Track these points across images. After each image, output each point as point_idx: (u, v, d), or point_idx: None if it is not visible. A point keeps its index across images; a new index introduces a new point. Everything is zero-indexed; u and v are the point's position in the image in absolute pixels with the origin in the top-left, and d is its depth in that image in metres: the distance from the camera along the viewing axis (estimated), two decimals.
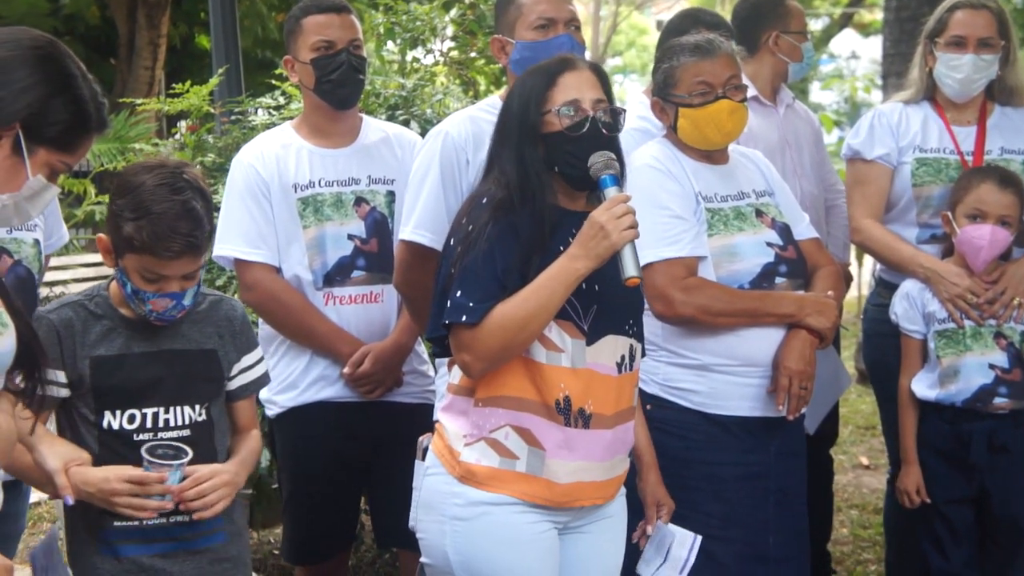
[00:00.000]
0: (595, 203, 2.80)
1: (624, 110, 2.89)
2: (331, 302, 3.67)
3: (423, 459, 2.87)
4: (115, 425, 2.82)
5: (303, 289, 3.68)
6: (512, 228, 2.69)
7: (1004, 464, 3.83)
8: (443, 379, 3.18)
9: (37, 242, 3.32)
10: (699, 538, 3.14)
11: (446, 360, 2.99)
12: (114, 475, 2.69)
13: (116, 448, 2.80)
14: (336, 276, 3.67)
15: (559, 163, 2.78)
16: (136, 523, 2.80)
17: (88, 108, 2.37)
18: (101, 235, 2.85)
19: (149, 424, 2.82)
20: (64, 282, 10.59)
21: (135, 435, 2.81)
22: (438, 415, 2.88)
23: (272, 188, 3.69)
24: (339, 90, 3.69)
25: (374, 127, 3.91)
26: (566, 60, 2.87)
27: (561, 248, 2.72)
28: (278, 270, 3.70)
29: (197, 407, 2.88)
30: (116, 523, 2.81)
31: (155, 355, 2.85)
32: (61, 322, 2.81)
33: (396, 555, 4.65)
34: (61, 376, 2.79)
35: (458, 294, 2.68)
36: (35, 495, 5.70)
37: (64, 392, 2.81)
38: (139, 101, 5.95)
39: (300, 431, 3.67)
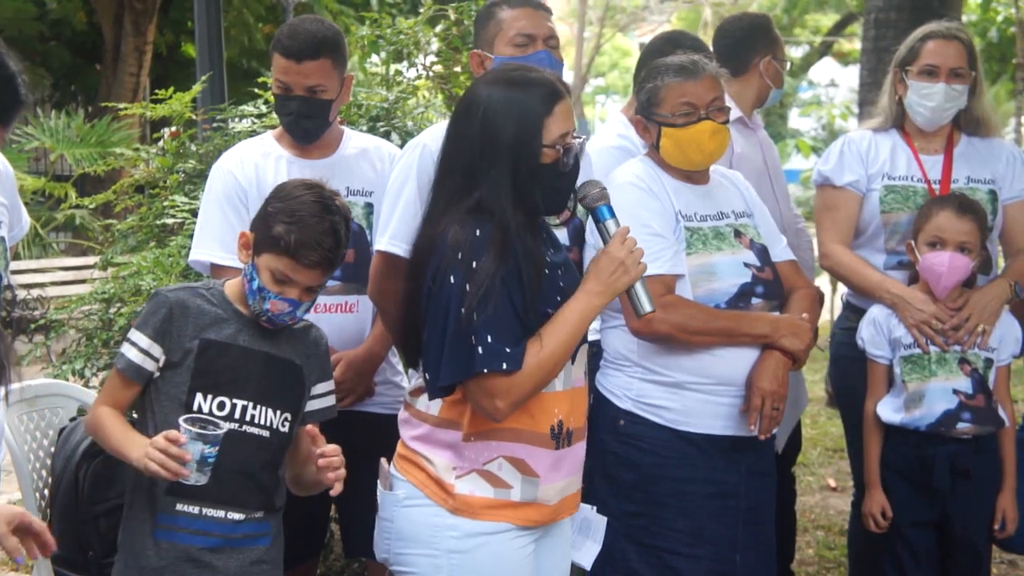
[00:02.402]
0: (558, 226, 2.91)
1: (582, 138, 2.85)
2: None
3: (389, 488, 2.85)
4: (204, 408, 2.92)
5: None
6: (515, 262, 2.65)
7: (966, 489, 3.84)
8: None
9: (2, 239, 3.28)
10: (604, 521, 3.15)
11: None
12: (159, 436, 2.77)
13: None
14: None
15: (543, 194, 2.75)
16: (195, 510, 2.91)
17: (19, 82, 2.49)
18: (245, 231, 3.02)
19: (237, 415, 2.93)
20: (42, 285, 10.55)
21: (222, 422, 2.89)
22: (414, 445, 2.83)
23: (250, 195, 3.66)
24: (292, 129, 3.72)
25: (354, 139, 3.89)
26: (556, 88, 2.78)
27: (546, 270, 2.73)
28: None
29: (279, 413, 2.98)
30: (178, 507, 2.91)
31: (256, 353, 2.97)
32: (176, 301, 2.95)
33: (364, 564, 4.64)
34: (157, 351, 2.92)
35: (488, 339, 2.60)
36: (5, 495, 5.65)
37: (152, 367, 2.94)
38: (122, 106, 5.91)
39: None
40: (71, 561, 3.63)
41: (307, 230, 2.85)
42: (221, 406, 2.92)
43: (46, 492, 3.72)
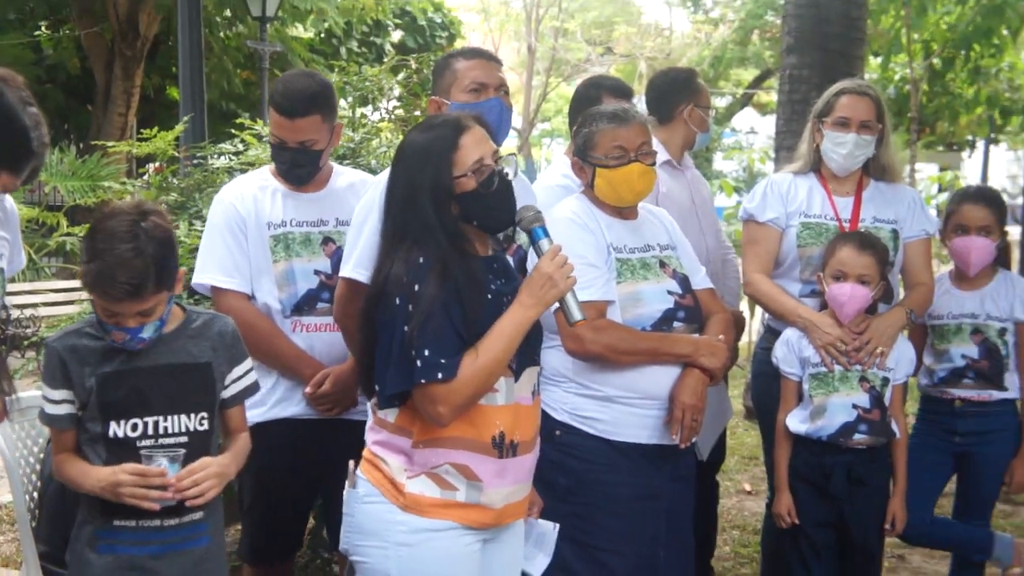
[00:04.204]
0: (498, 245, 2.86)
1: (513, 155, 2.87)
2: (298, 329, 3.65)
3: (353, 487, 2.83)
4: (120, 433, 2.79)
5: (272, 316, 3.65)
6: (455, 287, 2.66)
7: (860, 495, 3.89)
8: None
9: (1, 270, 3.25)
10: (556, 527, 3.16)
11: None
12: (119, 468, 2.72)
13: (121, 455, 2.79)
14: (304, 306, 3.65)
15: (478, 217, 2.76)
16: (133, 523, 2.81)
17: (32, 136, 2.46)
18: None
19: (150, 431, 2.80)
20: (35, 305, 10.44)
21: (138, 442, 2.80)
22: (374, 449, 2.82)
23: (248, 224, 3.66)
24: (287, 175, 3.72)
25: (343, 174, 3.88)
26: (459, 123, 2.79)
27: (489, 296, 2.72)
28: (251, 298, 3.68)
29: (193, 416, 2.85)
30: (116, 522, 2.81)
31: (154, 369, 2.82)
32: (64, 348, 2.81)
33: (328, 560, 4.62)
34: (68, 395, 2.81)
35: (426, 353, 2.60)
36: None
37: (71, 410, 2.83)
38: (111, 144, 5.89)
39: (264, 445, 3.46)
40: (57, 558, 3.60)
41: (103, 266, 2.63)
42: (135, 427, 2.80)
43: (35, 495, 3.69)
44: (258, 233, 3.67)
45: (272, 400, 3.66)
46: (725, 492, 6.60)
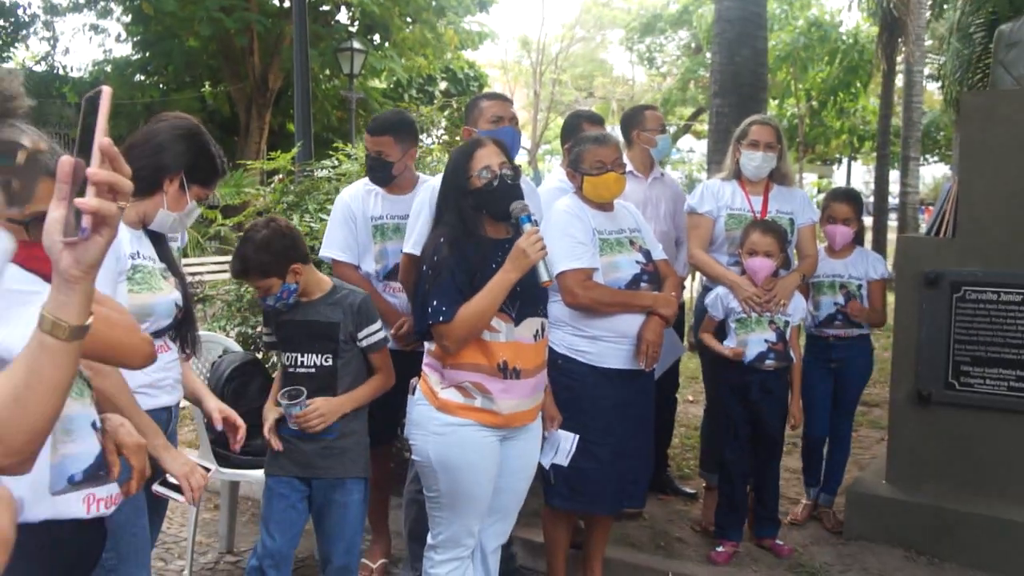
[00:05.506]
0: (514, 232, 2.74)
1: (519, 166, 2.83)
2: (388, 290, 3.65)
3: (413, 394, 2.81)
4: (286, 361, 2.95)
5: (371, 280, 3.66)
6: (463, 256, 2.63)
7: (768, 401, 3.86)
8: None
9: (178, 247, 3.24)
10: (576, 437, 3.14)
11: None
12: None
13: (285, 375, 2.98)
14: (392, 274, 3.65)
15: (485, 207, 2.71)
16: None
17: (218, 162, 2.53)
18: None
19: (296, 362, 2.93)
20: (200, 273, 10.50)
21: (290, 368, 2.95)
22: (423, 368, 2.81)
23: (358, 217, 3.67)
24: (368, 175, 3.70)
25: (427, 183, 3.77)
26: (477, 141, 2.77)
27: (493, 266, 2.67)
28: (358, 267, 3.68)
29: (320, 355, 2.92)
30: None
31: (302, 322, 2.93)
32: (267, 305, 2.95)
33: (399, 448, 4.57)
34: (270, 330, 3.03)
35: (434, 303, 2.60)
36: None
37: (274, 339, 3.02)
38: (248, 163, 5.93)
39: None
40: (221, 443, 3.62)
41: (233, 254, 2.86)
42: (289, 358, 2.93)
43: None
44: (364, 223, 3.67)
45: None
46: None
